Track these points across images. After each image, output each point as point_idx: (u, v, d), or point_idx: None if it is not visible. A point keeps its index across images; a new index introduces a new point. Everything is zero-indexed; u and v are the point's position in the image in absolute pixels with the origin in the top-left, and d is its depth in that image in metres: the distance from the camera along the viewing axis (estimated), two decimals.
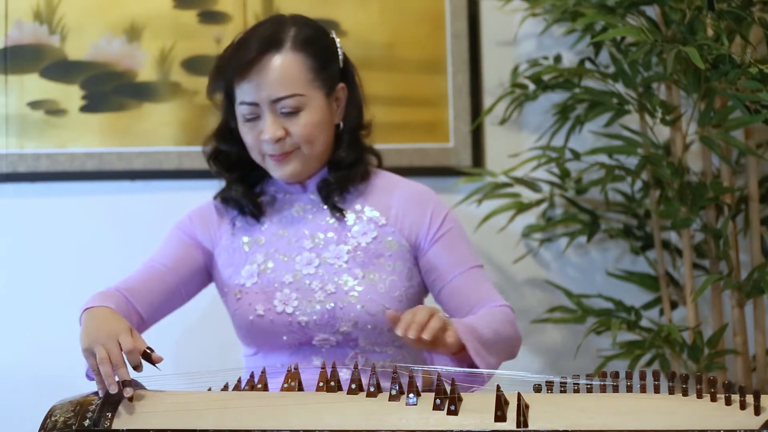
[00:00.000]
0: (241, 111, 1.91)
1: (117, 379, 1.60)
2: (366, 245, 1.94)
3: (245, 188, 1.99)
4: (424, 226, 1.97)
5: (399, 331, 1.66)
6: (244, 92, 1.90)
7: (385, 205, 1.98)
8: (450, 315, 1.98)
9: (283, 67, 1.88)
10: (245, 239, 1.98)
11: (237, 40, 1.92)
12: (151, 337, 1.98)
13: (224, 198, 2.01)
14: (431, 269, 1.97)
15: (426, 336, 1.65)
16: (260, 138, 1.91)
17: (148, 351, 1.66)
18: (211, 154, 2.01)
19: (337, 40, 1.99)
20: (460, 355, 1.77)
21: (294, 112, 1.89)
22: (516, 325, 1.95)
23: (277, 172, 1.95)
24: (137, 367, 1.65)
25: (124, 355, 1.63)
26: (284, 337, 1.91)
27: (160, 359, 1.67)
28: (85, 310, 1.77)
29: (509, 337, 1.91)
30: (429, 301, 2.02)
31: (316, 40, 1.93)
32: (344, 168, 1.97)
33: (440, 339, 1.70)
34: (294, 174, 1.95)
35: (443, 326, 1.70)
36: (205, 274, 2.02)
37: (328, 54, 1.94)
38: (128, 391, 1.59)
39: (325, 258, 1.93)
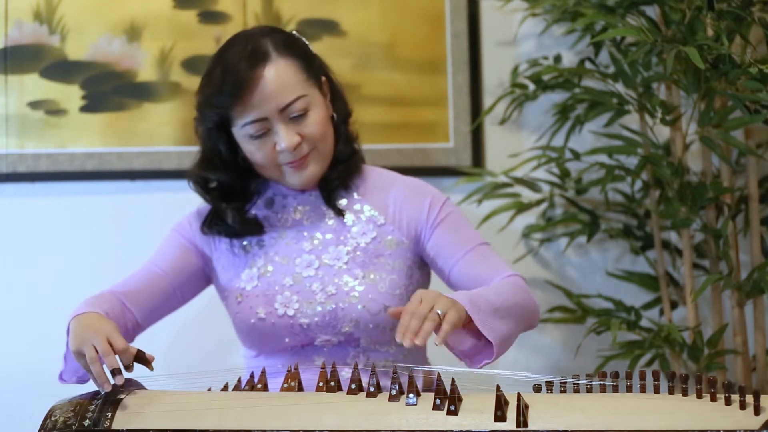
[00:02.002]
0: (246, 131, 1.88)
1: (107, 376, 1.60)
2: (365, 245, 1.94)
3: (242, 216, 1.96)
4: (422, 216, 1.96)
5: (397, 339, 1.64)
6: (247, 112, 1.86)
7: (383, 204, 1.98)
8: None
9: (279, 75, 1.87)
10: (244, 243, 1.97)
11: (218, 70, 1.87)
12: (149, 336, 1.99)
13: (217, 230, 1.97)
14: (436, 255, 1.95)
15: (418, 342, 1.61)
16: (275, 150, 1.89)
17: (140, 352, 1.66)
18: (200, 184, 1.97)
19: (302, 37, 1.97)
20: (470, 326, 1.72)
21: (303, 115, 1.88)
22: (529, 292, 1.89)
23: (297, 178, 1.93)
24: (128, 367, 1.64)
25: (117, 358, 1.62)
26: (286, 339, 1.91)
27: (153, 358, 1.67)
28: (73, 317, 1.74)
29: (521, 302, 1.84)
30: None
31: (292, 42, 1.92)
32: (343, 162, 1.97)
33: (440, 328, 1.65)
34: (313, 176, 1.93)
35: (440, 323, 1.65)
36: (203, 278, 2.02)
37: (307, 52, 1.94)
38: (119, 379, 1.59)
39: (325, 260, 1.93)
